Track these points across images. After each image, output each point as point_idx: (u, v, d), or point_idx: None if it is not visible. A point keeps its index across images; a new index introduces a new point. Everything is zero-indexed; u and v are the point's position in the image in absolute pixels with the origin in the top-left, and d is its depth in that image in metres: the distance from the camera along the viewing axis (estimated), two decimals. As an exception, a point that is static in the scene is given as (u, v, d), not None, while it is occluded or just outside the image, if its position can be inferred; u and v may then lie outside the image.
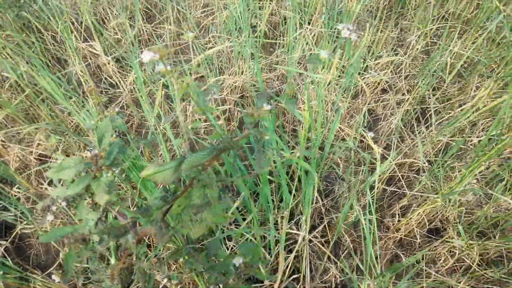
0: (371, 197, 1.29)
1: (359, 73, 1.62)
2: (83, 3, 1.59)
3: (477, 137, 1.56)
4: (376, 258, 1.38)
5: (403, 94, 1.65)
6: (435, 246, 1.40)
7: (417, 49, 1.68)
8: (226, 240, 1.28)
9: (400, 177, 1.51)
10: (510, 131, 1.30)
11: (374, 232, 1.39)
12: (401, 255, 1.42)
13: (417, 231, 1.43)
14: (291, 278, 1.28)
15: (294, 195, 1.40)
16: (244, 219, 1.23)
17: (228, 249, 1.22)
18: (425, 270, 1.36)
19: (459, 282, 1.32)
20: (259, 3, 1.82)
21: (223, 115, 1.58)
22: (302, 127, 1.37)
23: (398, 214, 1.47)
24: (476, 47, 1.74)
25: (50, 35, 1.67)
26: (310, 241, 1.37)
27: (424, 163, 1.48)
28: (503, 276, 1.34)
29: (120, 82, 1.54)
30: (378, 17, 1.67)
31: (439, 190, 1.33)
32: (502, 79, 1.49)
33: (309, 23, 1.74)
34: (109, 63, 1.51)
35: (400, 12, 1.89)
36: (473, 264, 1.35)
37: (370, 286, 1.23)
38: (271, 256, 1.27)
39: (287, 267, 1.26)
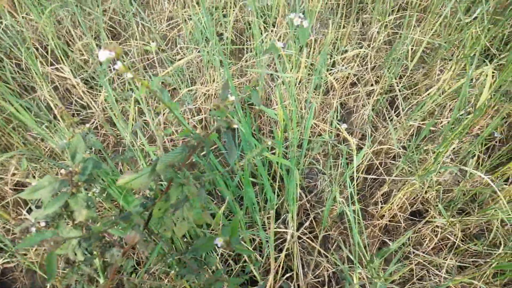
0: (353, 187, 1.32)
1: (327, 70, 1.66)
2: (46, 27, 1.58)
3: (446, 118, 1.62)
4: (365, 247, 1.40)
5: (372, 85, 1.70)
6: (419, 228, 1.44)
7: (380, 40, 1.74)
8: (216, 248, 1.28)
9: (378, 165, 1.55)
10: (476, 109, 1.35)
11: (360, 222, 1.42)
12: (388, 241, 1.45)
13: (400, 215, 1.47)
14: (284, 277, 1.29)
15: (278, 195, 1.41)
16: (231, 224, 1.23)
17: (218, 255, 1.22)
18: (413, 252, 1.40)
19: (446, 260, 1.36)
20: (222, 12, 1.84)
21: (199, 124, 1.58)
22: (278, 128, 1.39)
23: (380, 201, 1.51)
24: (435, 32, 1.81)
25: (15, 63, 1.64)
26: (299, 238, 1.39)
27: (399, 148, 1.53)
28: (485, 248, 1.39)
29: (91, 103, 1.52)
30: (339, 14, 1.72)
31: (416, 173, 1.37)
32: (462, 60, 1.56)
33: (273, 26, 1.77)
34: (78, 85, 1.50)
35: (359, 7, 1.95)
36: (456, 240, 1.39)
37: (361, 274, 1.26)
38: (262, 258, 1.28)
39: (279, 266, 1.27)
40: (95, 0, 1.87)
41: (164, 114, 1.37)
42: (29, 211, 1.23)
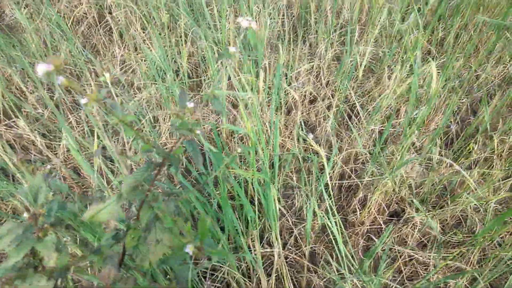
0: (329, 197, 1.33)
1: (285, 89, 1.71)
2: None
3: (403, 118, 1.71)
4: (352, 256, 1.40)
5: (329, 99, 1.76)
6: (399, 228, 1.46)
7: (328, 57, 1.83)
8: (202, 278, 1.22)
9: (350, 173, 1.58)
10: (429, 100, 1.43)
11: (343, 232, 1.42)
12: (373, 245, 1.45)
13: (380, 218, 1.49)
14: (278, 301, 1.25)
15: (258, 217, 1.39)
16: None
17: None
18: (399, 251, 1.41)
19: (430, 254, 1.38)
20: (175, 48, 1.87)
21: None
22: (249, 152, 1.39)
23: (358, 208, 1.52)
24: (377, 43, 1.94)
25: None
26: (286, 257, 1.36)
27: (365, 154, 1.57)
28: (465, 235, 1.43)
29: (50, 154, 1.46)
30: (287, 39, 1.81)
31: (386, 172, 1.41)
32: (408, 62, 1.68)
33: (227, 56, 1.82)
34: (36, 138, 1.44)
35: (304, 30, 2.06)
36: (436, 233, 1.42)
37: (354, 281, 1.24)
38: (252, 283, 1.23)
39: (270, 290, 1.23)
40: (44, 54, 1.85)
41: (129, 146, 1.34)
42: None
